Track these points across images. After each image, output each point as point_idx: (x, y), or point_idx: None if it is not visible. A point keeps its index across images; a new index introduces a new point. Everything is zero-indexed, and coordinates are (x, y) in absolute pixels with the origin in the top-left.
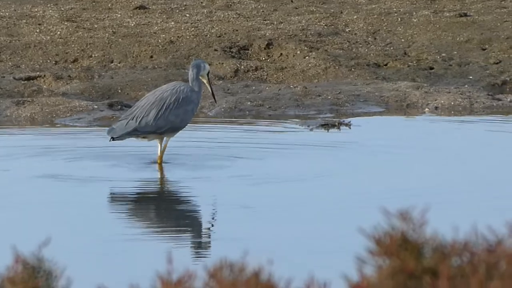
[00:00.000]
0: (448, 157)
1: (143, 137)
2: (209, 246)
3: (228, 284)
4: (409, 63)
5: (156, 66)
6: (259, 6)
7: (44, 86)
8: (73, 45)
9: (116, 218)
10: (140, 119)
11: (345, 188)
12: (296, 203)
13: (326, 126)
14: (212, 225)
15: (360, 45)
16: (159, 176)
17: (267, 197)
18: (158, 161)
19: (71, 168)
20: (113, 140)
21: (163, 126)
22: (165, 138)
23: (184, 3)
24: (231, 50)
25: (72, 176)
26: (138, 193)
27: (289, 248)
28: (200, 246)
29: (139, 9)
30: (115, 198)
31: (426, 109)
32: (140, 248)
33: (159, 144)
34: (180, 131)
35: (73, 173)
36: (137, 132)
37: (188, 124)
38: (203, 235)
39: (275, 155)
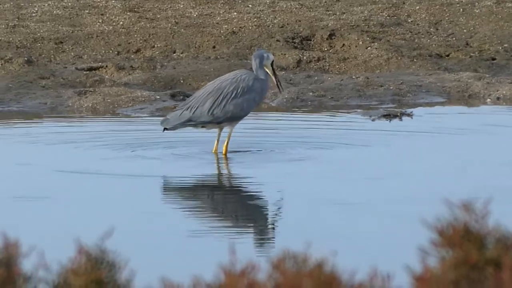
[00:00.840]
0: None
1: (202, 126)
2: (274, 239)
3: (291, 275)
4: (471, 54)
5: (218, 57)
6: None
7: (106, 77)
8: (135, 35)
9: (180, 210)
10: (195, 109)
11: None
12: (364, 195)
13: (388, 116)
14: (280, 217)
15: (422, 36)
16: (223, 167)
17: (339, 190)
18: (224, 152)
19: (136, 159)
20: (166, 130)
21: (221, 116)
22: (225, 128)
23: None
24: (294, 40)
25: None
26: (201, 185)
27: (354, 240)
28: (265, 238)
29: None
30: (179, 190)
31: (488, 100)
32: (204, 240)
33: (218, 134)
34: (242, 120)
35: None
36: (192, 122)
37: (250, 114)
38: (269, 227)
39: (344, 145)
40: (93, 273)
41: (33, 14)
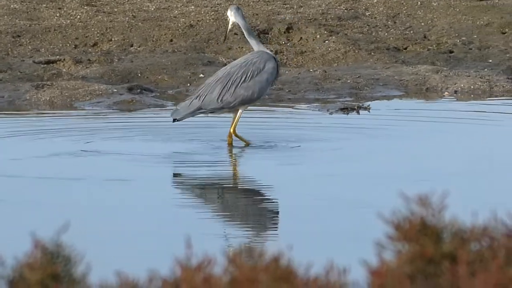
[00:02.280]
0: (467, 140)
1: (211, 113)
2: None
3: (247, 269)
4: (429, 47)
5: (176, 50)
6: None
7: (64, 70)
8: (93, 29)
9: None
10: (203, 97)
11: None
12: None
13: (346, 110)
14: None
15: (380, 29)
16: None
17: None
18: (232, 130)
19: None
20: (176, 121)
21: (232, 101)
22: (239, 110)
23: None
24: None
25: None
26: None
27: (313, 236)
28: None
29: None
30: (182, 180)
31: (446, 93)
32: (166, 237)
33: (233, 117)
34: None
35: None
36: (202, 110)
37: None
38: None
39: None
40: (49, 268)
41: None
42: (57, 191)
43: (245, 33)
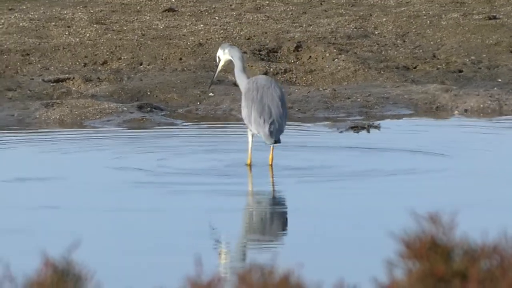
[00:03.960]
0: (480, 160)
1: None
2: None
3: (257, 287)
4: (438, 66)
5: (185, 69)
6: (288, 9)
7: (73, 88)
8: (102, 48)
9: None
10: (279, 118)
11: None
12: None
13: (356, 128)
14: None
15: (389, 48)
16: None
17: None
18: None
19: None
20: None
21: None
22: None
23: (213, 6)
24: (260, 52)
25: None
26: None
27: (321, 251)
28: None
29: (168, 11)
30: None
31: (456, 112)
32: (175, 254)
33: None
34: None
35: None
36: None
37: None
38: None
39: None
40: (59, 286)
41: (0, 26)
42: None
43: (239, 68)
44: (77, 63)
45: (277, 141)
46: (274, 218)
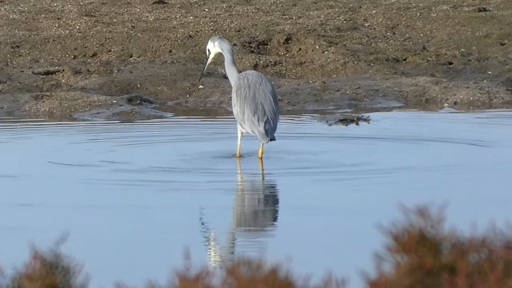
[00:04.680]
0: (467, 152)
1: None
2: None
3: (246, 280)
4: (428, 58)
5: (175, 61)
6: (278, 1)
7: (63, 81)
8: (92, 40)
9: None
10: (273, 115)
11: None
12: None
13: (345, 121)
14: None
15: (379, 40)
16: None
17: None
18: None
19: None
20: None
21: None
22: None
23: None
24: (250, 45)
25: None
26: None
27: (310, 245)
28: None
29: (158, 3)
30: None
31: (445, 104)
32: (165, 246)
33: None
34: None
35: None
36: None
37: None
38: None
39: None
40: (47, 278)
41: None
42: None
43: (228, 61)
44: (67, 55)
45: (272, 139)
46: (262, 212)
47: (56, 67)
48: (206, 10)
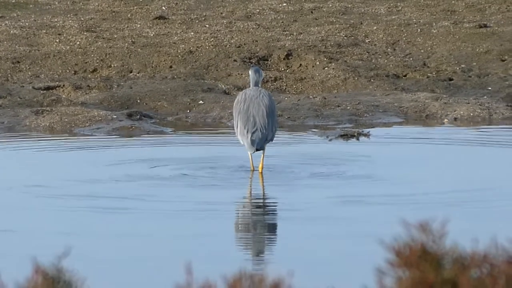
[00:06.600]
0: (467, 167)
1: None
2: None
3: None
4: (429, 74)
5: (175, 76)
6: (278, 17)
7: (63, 96)
8: (92, 55)
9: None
10: (264, 126)
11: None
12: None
13: (345, 136)
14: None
15: (380, 56)
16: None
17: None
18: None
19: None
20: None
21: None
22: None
23: (204, 14)
24: (251, 60)
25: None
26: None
27: (312, 260)
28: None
29: (159, 19)
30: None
31: (445, 120)
32: (164, 259)
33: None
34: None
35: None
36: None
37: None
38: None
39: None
40: None
41: None
42: None
43: (250, 86)
44: (67, 70)
45: (258, 149)
46: (265, 224)
47: (57, 82)
48: (207, 26)
